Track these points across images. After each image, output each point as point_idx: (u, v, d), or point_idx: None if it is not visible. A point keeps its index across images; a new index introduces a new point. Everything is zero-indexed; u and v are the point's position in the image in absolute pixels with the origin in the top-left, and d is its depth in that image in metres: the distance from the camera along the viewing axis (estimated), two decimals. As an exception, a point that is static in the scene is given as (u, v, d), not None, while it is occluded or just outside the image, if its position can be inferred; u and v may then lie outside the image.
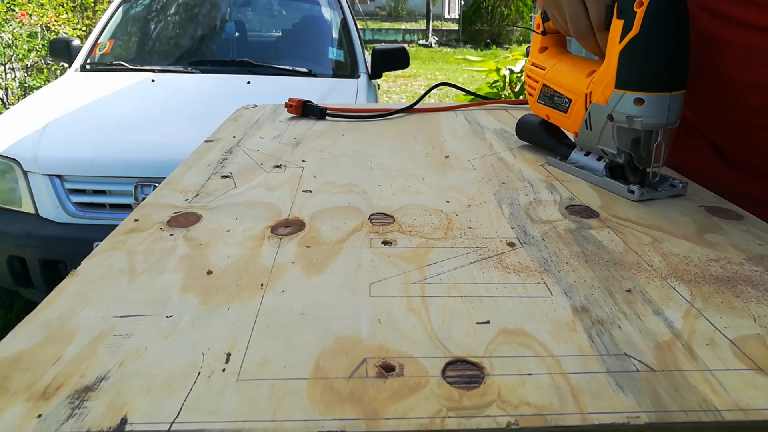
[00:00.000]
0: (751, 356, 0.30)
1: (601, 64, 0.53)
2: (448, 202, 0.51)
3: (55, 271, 1.80)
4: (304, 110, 0.84)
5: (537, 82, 0.64)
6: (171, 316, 0.32)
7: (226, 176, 0.57)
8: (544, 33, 0.64)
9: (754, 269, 0.39)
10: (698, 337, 0.31)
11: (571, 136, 0.62)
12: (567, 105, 0.59)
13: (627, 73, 0.49)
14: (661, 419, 0.25)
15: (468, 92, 1.08)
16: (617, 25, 0.49)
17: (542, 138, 0.66)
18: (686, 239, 0.44)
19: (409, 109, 0.88)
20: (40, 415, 0.25)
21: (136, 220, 0.46)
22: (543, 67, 0.63)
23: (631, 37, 0.48)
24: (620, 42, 0.49)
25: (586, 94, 0.55)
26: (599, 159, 0.57)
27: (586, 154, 0.58)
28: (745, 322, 0.33)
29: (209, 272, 0.38)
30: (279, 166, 0.61)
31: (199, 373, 0.28)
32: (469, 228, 0.45)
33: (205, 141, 0.70)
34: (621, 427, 0.25)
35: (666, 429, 0.25)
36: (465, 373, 0.28)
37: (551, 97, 0.62)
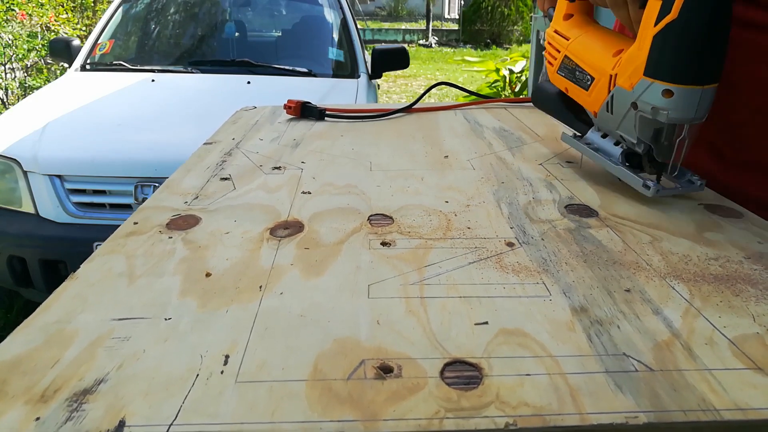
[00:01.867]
0: (750, 355, 0.30)
1: (630, 42, 0.49)
2: (447, 202, 0.51)
3: (55, 271, 1.80)
4: (303, 111, 0.84)
5: (559, 52, 0.59)
6: (170, 319, 0.32)
7: (225, 178, 0.57)
8: None
9: (754, 268, 0.39)
10: (697, 336, 0.31)
11: (590, 114, 0.58)
12: (589, 82, 0.54)
13: (659, 60, 0.45)
14: (659, 419, 0.25)
15: (468, 92, 1.08)
16: (654, 5, 0.45)
17: (559, 110, 0.62)
18: (685, 238, 0.44)
19: (407, 109, 0.88)
20: (38, 418, 0.25)
21: (135, 223, 0.46)
22: (567, 37, 0.58)
23: (668, 21, 0.43)
24: (655, 25, 0.44)
25: (611, 75, 0.51)
26: (616, 143, 0.53)
27: (603, 136, 0.55)
28: (744, 321, 0.33)
29: (208, 275, 0.38)
30: (278, 168, 0.61)
31: (198, 375, 0.28)
32: (468, 228, 0.45)
33: (204, 143, 0.70)
34: (620, 428, 0.25)
35: (665, 429, 0.25)
36: (463, 373, 0.28)
37: (573, 71, 0.57)
